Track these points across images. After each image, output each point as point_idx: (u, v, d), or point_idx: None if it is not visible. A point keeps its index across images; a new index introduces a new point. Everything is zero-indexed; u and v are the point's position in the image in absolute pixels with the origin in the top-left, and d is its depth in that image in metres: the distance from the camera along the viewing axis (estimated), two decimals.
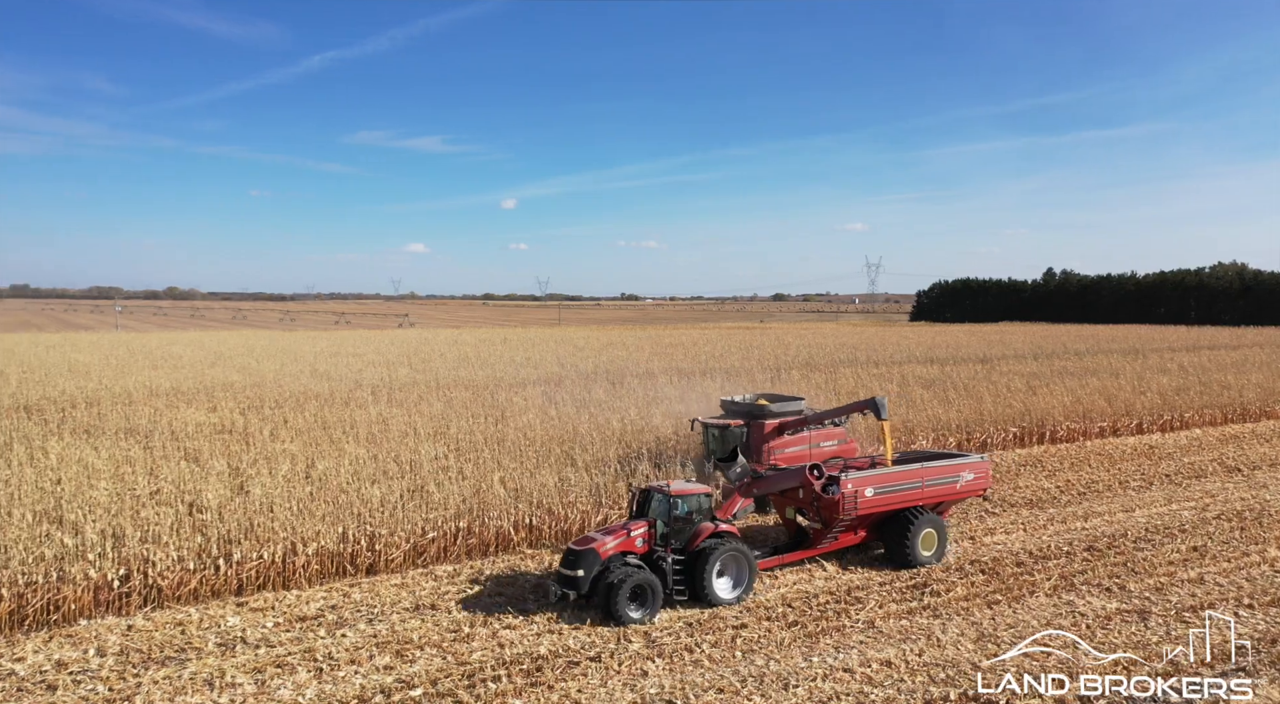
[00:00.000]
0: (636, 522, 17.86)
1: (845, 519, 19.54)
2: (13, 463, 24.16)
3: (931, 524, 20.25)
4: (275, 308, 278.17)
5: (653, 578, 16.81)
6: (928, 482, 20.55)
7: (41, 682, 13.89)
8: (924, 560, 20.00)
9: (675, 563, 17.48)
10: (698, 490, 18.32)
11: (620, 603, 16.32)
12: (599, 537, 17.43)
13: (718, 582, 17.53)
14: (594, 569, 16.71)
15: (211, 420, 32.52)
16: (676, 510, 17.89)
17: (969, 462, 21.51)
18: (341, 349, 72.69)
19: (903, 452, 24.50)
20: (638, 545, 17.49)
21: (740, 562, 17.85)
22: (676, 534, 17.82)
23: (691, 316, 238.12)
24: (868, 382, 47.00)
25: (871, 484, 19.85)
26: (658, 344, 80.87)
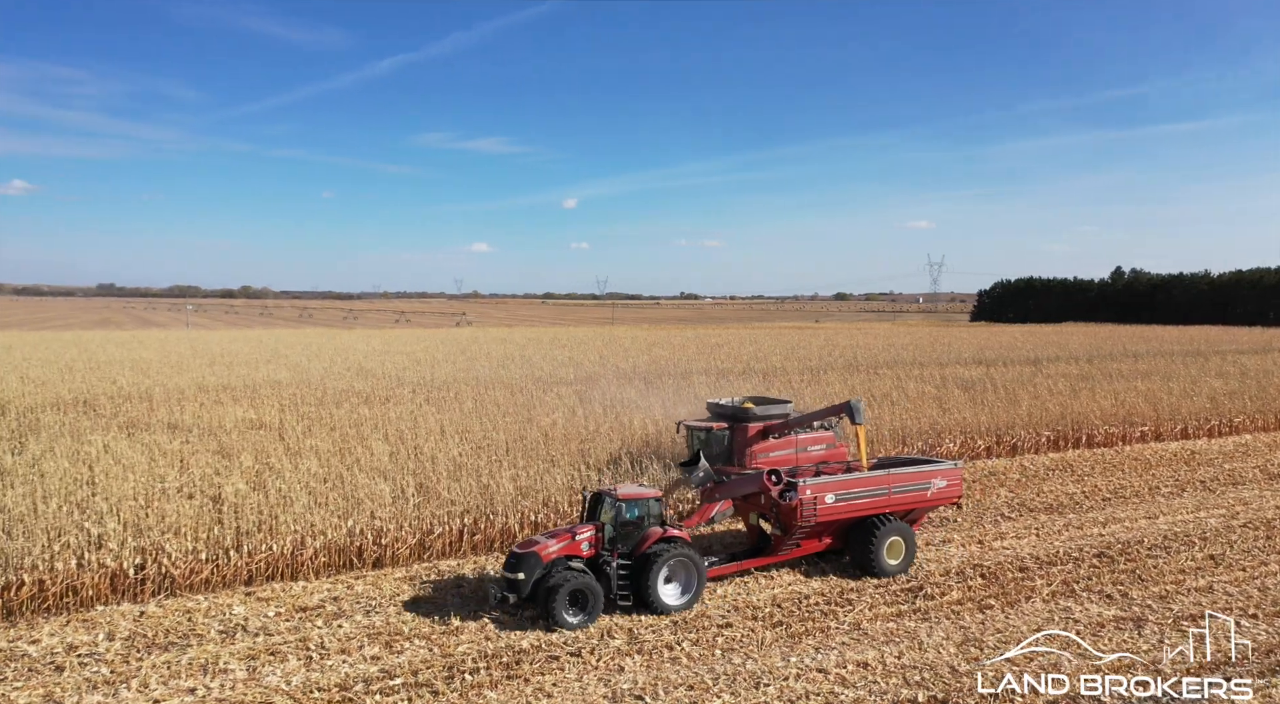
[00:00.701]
0: (584, 525, 17.71)
1: (804, 526, 19.13)
2: (56, 454, 25.43)
3: (898, 532, 19.70)
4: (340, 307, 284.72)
5: (593, 582, 16.65)
6: (895, 489, 20.09)
7: (50, 663, 14.74)
8: (890, 569, 19.47)
9: (621, 568, 17.24)
10: (647, 495, 18.09)
11: (557, 607, 16.18)
12: (543, 540, 17.27)
13: (664, 587, 17.26)
14: (535, 573, 16.54)
15: (250, 416, 33.67)
16: (625, 515, 17.68)
17: (941, 469, 20.97)
18: (392, 348, 74.30)
19: (881, 458, 23.95)
20: (583, 549, 17.29)
21: (689, 568, 17.53)
22: (624, 539, 17.58)
23: (748, 316, 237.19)
24: (905, 383, 46.50)
25: (832, 490, 19.40)
26: (703, 344, 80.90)
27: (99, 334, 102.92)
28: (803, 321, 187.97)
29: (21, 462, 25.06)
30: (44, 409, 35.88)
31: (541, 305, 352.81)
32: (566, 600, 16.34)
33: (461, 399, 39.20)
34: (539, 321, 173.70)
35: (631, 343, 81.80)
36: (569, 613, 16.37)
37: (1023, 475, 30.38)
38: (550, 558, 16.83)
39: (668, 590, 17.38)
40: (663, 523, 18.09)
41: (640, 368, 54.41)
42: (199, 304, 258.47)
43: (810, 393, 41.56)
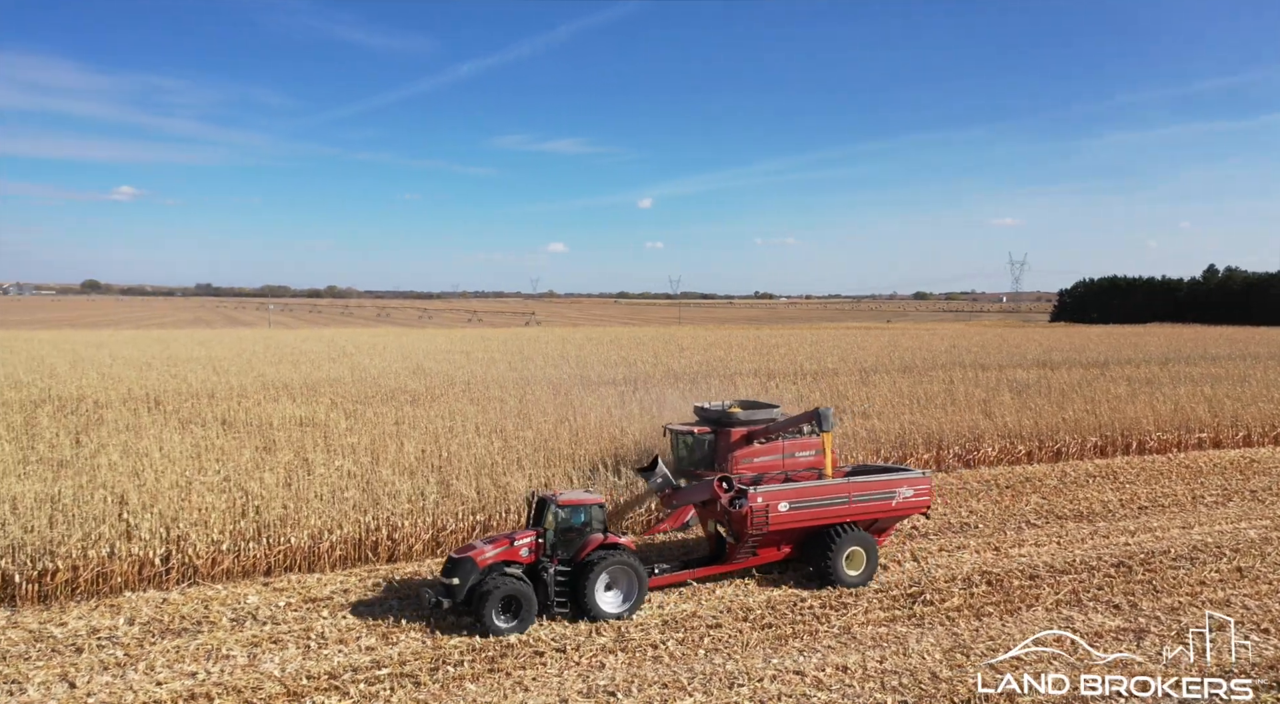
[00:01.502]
0: (525, 531, 17.69)
1: (756, 534, 18.80)
2: (110, 448, 26.96)
3: (858, 542, 19.26)
4: (417, 306, 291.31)
5: (525, 588, 16.58)
6: (856, 497, 19.64)
7: (72, 645, 15.78)
8: (849, 580, 19.03)
9: (559, 574, 17.17)
10: (588, 501, 17.94)
11: (488, 613, 16.18)
12: (480, 545, 17.28)
13: (604, 595, 17.16)
14: (470, 578, 16.50)
15: (299, 414, 35.02)
16: (567, 520, 17.65)
17: (908, 477, 20.51)
18: (454, 347, 75.96)
19: (855, 465, 23.44)
20: (522, 555, 17.19)
21: (629, 575, 17.35)
22: (565, 545, 17.52)
23: (820, 316, 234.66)
24: (956, 386, 45.72)
25: (786, 498, 19.05)
26: (762, 345, 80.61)
27: (185, 333, 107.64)
28: (874, 322, 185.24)
29: (81, 454, 26.67)
30: (113, 404, 37.93)
31: (614, 305, 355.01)
32: (498, 606, 16.28)
33: (505, 398, 40.02)
34: (608, 321, 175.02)
35: (691, 343, 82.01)
36: (500, 619, 16.32)
37: (1060, 482, 29.69)
38: (486, 563, 16.75)
39: (607, 597, 17.25)
40: (605, 529, 17.90)
41: (691, 369, 54.63)
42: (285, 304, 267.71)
43: (855, 395, 41.25)
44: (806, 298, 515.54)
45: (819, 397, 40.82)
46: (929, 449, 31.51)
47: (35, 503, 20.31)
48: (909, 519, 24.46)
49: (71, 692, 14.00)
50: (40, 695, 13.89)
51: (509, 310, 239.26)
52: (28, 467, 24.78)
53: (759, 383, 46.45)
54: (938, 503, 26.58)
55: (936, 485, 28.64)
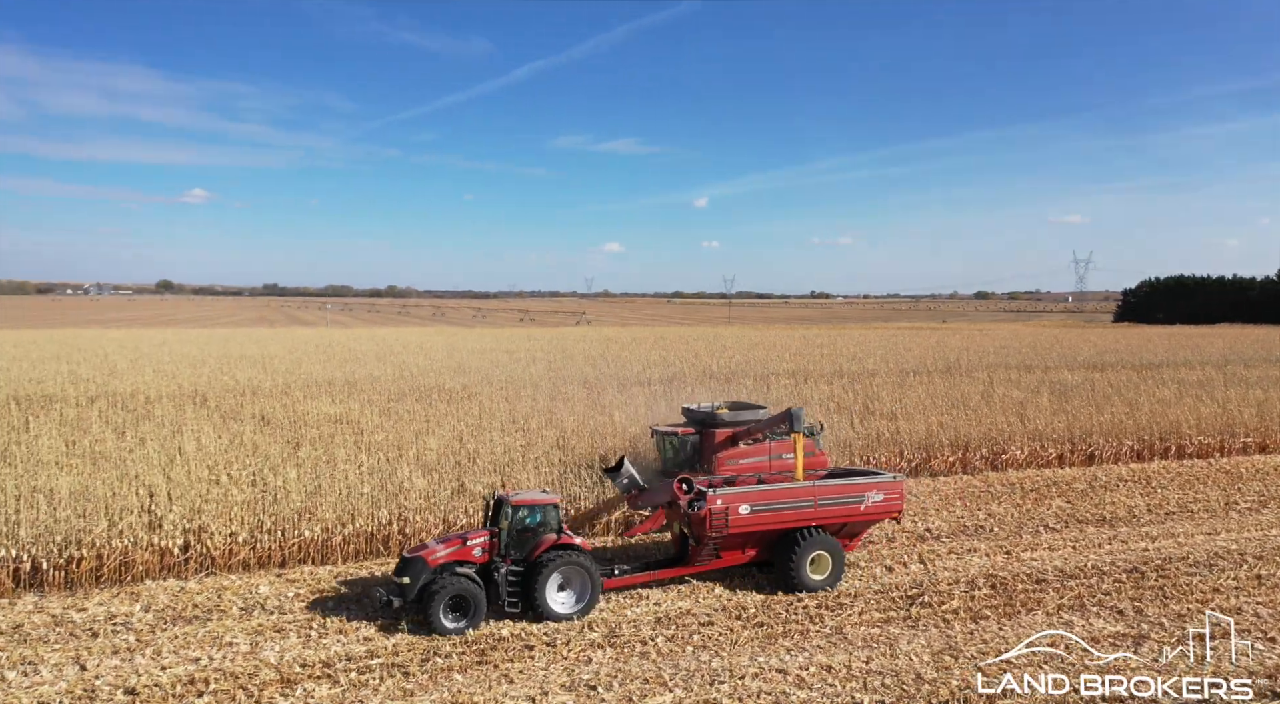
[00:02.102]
0: (478, 531, 17.82)
1: (715, 536, 18.66)
2: (147, 442, 28.05)
3: (823, 546, 18.99)
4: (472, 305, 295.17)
5: (474, 588, 16.66)
6: (821, 501, 19.37)
7: (89, 629, 16.57)
8: (813, 585, 18.76)
9: (511, 574, 17.23)
10: (542, 501, 17.98)
11: (436, 612, 16.31)
12: (433, 545, 17.45)
13: (557, 595, 17.23)
14: (421, 578, 16.60)
15: (335, 411, 35.91)
16: (521, 520, 17.74)
17: (877, 481, 20.13)
18: (500, 346, 76.87)
19: (834, 468, 23.12)
20: (475, 554, 17.29)
21: (582, 576, 17.38)
22: (518, 545, 17.61)
23: (876, 316, 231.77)
24: (996, 387, 44.98)
25: (748, 501, 18.83)
26: (808, 345, 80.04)
27: (244, 332, 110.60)
28: (928, 322, 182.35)
29: (121, 447, 27.80)
30: (161, 400, 39.33)
31: (667, 304, 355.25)
32: (445, 606, 16.43)
33: (537, 396, 40.49)
34: (658, 321, 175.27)
35: (734, 343, 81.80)
36: (448, 619, 16.44)
37: (1089, 486, 29.14)
38: (437, 563, 16.86)
39: (560, 598, 17.28)
40: (560, 530, 17.87)
41: (729, 369, 54.57)
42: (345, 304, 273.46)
43: (889, 397, 40.88)
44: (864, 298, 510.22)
45: (850, 398, 40.56)
46: (955, 451, 31.16)
47: (69, 494, 21.30)
48: (920, 521, 24.41)
49: (81, 674, 14.72)
50: (52, 676, 14.64)
51: (562, 310, 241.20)
52: (70, 459, 25.90)
53: (792, 383, 46.24)
54: (956, 505, 26.38)
55: (959, 488, 28.50)
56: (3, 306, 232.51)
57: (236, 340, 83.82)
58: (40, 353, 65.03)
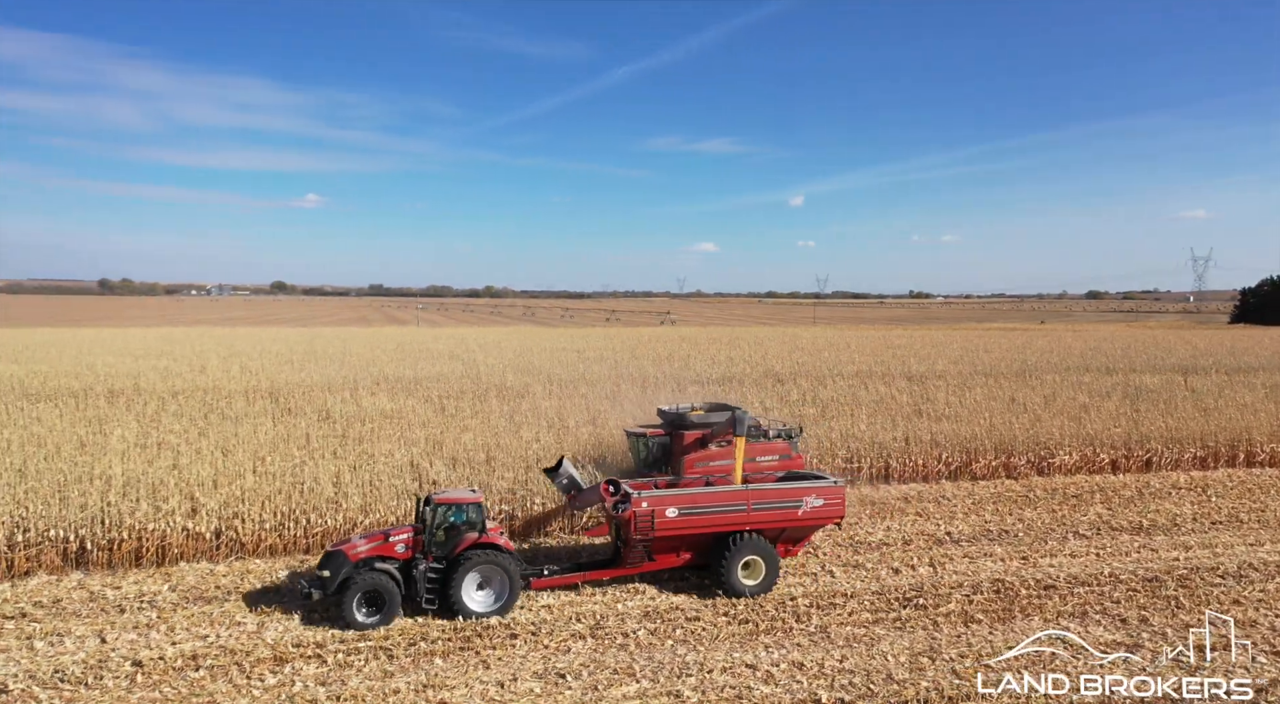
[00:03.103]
0: (402, 527, 18.14)
1: (641, 538, 18.55)
2: (211, 435, 29.81)
3: (756, 551, 18.69)
4: (562, 306, 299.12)
5: (389, 583, 16.90)
6: (755, 505, 19.04)
7: (117, 605, 17.89)
8: (745, 589, 18.47)
9: (431, 571, 17.45)
10: (465, 499, 18.14)
11: (348, 606, 16.64)
12: (355, 540, 17.76)
13: (474, 593, 17.38)
14: (341, 571, 16.91)
15: (390, 406, 37.30)
16: (445, 518, 17.93)
17: (817, 486, 19.70)
18: (572, 345, 77.97)
19: (791, 471, 22.56)
20: (397, 551, 17.54)
21: (500, 575, 17.47)
22: (441, 543, 17.80)
23: (973, 316, 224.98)
24: (1062, 390, 43.61)
25: (675, 504, 18.64)
26: (884, 346, 78.68)
27: (336, 330, 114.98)
28: (1028, 323, 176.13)
29: (183, 438, 29.64)
30: (235, 395, 41.55)
31: (758, 304, 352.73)
32: (358, 600, 16.75)
33: (590, 394, 41.19)
34: (744, 321, 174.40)
35: (809, 343, 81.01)
36: (361, 612, 16.76)
37: (1139, 493, 28.08)
38: (358, 557, 17.20)
39: (478, 596, 17.44)
40: (481, 529, 17.99)
41: (792, 369, 54.26)
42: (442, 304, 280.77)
43: (945, 400, 40.09)
44: (966, 298, 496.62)
45: (905, 399, 39.97)
46: (998, 455, 30.42)
47: (124, 482, 22.93)
48: (941, 524, 24.02)
49: (99, 646, 15.95)
50: (74, 647, 15.91)
51: (651, 310, 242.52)
52: (132, 448, 27.75)
53: (849, 384, 45.74)
54: (986, 509, 25.82)
55: (996, 492, 27.91)
56: (133, 306, 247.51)
57: (324, 339, 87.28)
58: (146, 350, 69.23)
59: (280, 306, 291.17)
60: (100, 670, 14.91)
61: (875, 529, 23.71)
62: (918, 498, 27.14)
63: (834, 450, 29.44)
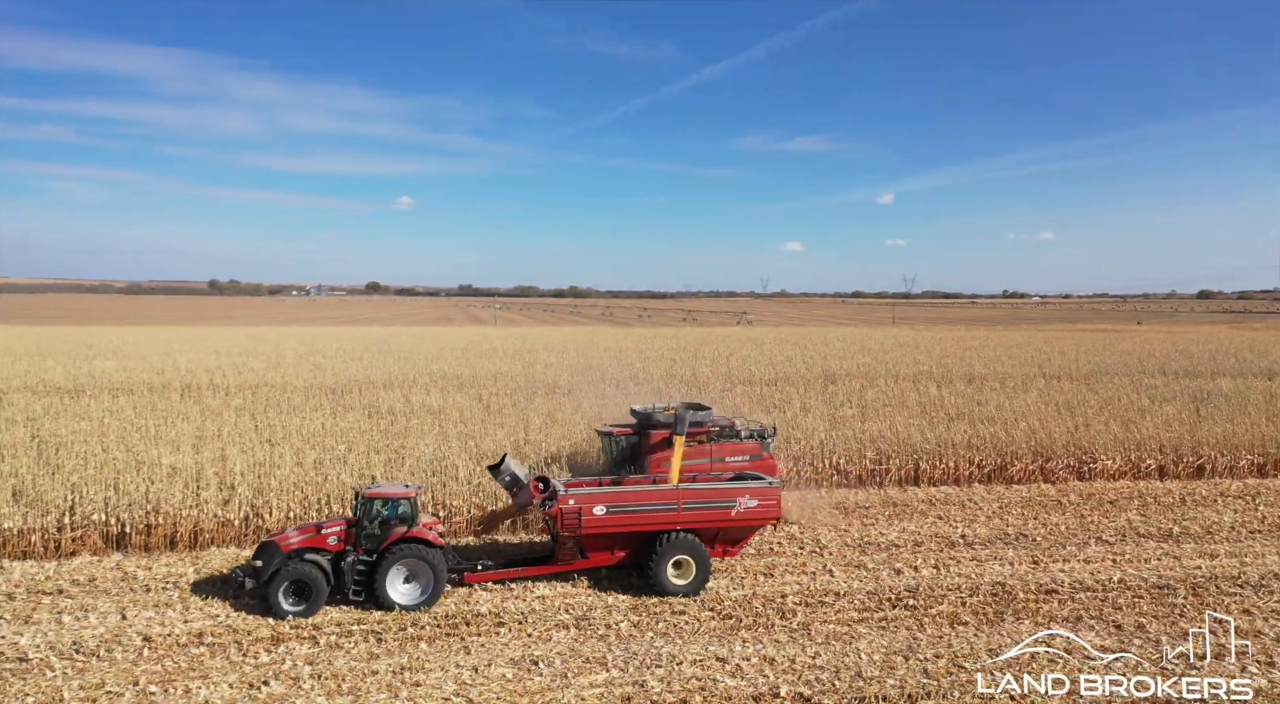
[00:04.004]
0: (335, 520, 18.74)
1: (568, 535, 18.73)
2: (267, 427, 31.36)
3: (686, 551, 18.66)
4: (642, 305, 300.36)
5: (316, 574, 17.36)
6: (686, 505, 19.02)
7: (145, 585, 19.13)
8: (675, 589, 18.46)
9: (360, 563, 17.91)
10: (396, 494, 18.50)
11: (275, 596, 17.18)
12: (289, 532, 18.34)
13: (400, 586, 17.82)
14: (273, 562, 17.47)
15: (438, 403, 38.46)
16: (376, 512, 18.38)
17: (751, 487, 19.54)
18: (638, 345, 78.60)
19: (739, 473, 22.20)
20: (329, 543, 18.04)
21: (424, 569, 17.85)
22: (372, 536, 18.22)
23: (1068, 316, 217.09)
24: (1123, 393, 42.18)
25: (603, 502, 18.74)
26: (958, 347, 76.97)
27: (414, 329, 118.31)
28: (1125, 323, 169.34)
29: (239, 431, 31.26)
30: (297, 390, 43.43)
31: (842, 304, 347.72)
32: (284, 589, 17.31)
33: (636, 395, 41.66)
34: (823, 321, 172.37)
35: (877, 344, 79.90)
36: (287, 602, 17.29)
37: (1180, 500, 27.10)
38: (290, 549, 17.73)
39: (404, 589, 17.87)
40: (411, 523, 18.38)
41: (849, 370, 53.77)
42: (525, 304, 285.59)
43: (994, 401, 39.26)
44: (1064, 298, 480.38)
45: (954, 401, 39.28)
46: (1035, 459, 29.71)
47: (169, 471, 24.42)
48: (959, 526, 23.72)
49: (119, 622, 17.12)
50: (96, 622, 17.11)
51: (732, 310, 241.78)
52: (188, 440, 29.43)
53: (901, 385, 45.15)
54: (1011, 513, 25.34)
55: (1027, 497, 27.34)
56: (237, 306, 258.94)
57: (399, 338, 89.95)
58: (230, 347, 72.66)
59: (371, 307, 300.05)
60: (113, 644, 16.04)
61: (890, 530, 23.54)
62: (944, 501, 26.78)
63: (862, 452, 29.24)
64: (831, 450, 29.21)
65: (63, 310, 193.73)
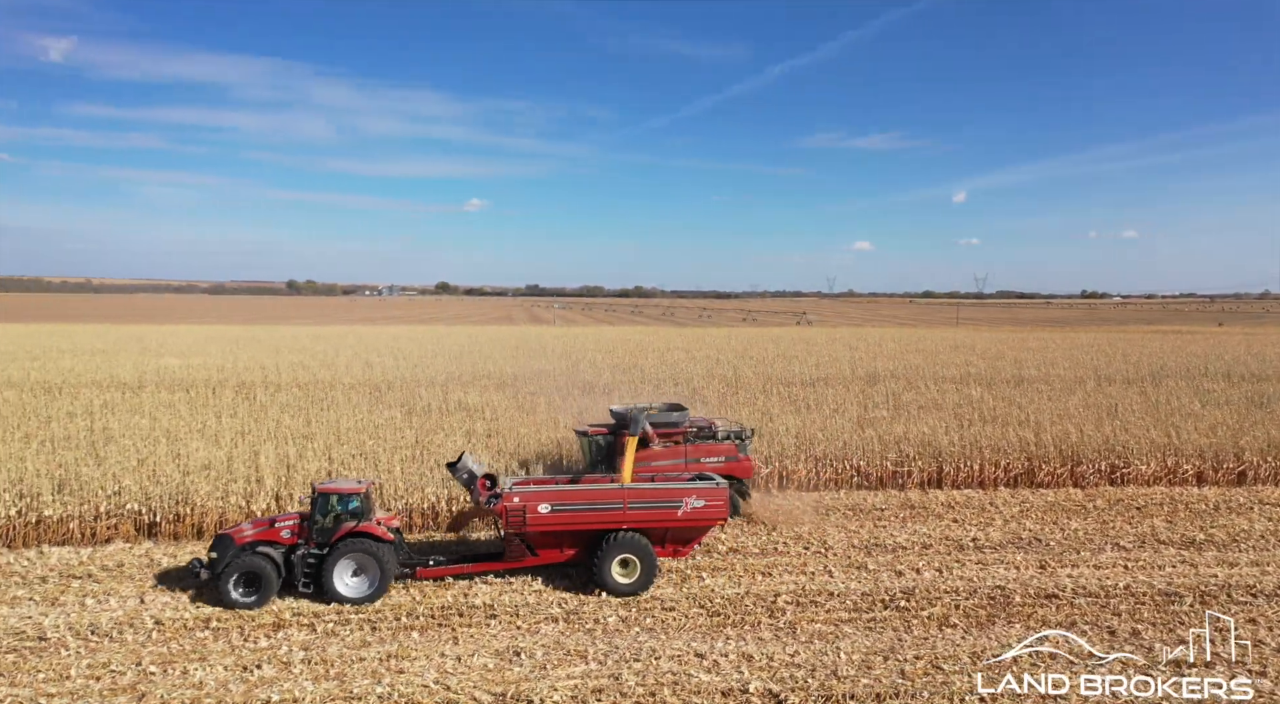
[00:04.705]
0: (289, 515, 19.27)
1: (513, 533, 18.94)
2: (297, 421, 32.48)
3: (632, 549, 18.76)
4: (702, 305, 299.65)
5: (266, 566, 17.88)
6: (632, 504, 19.11)
7: (167, 572, 20.08)
8: (620, 588, 18.56)
9: (310, 557, 18.41)
10: (347, 489, 18.93)
11: (224, 585, 17.76)
12: (243, 525, 18.97)
13: (348, 579, 18.25)
14: (227, 554, 18.07)
15: (475, 401, 39.24)
16: (329, 507, 18.81)
17: (698, 487, 19.48)
18: (688, 345, 78.66)
19: (697, 474, 22.02)
20: (283, 536, 18.62)
21: (369, 563, 18.25)
22: (323, 530, 18.66)
23: (1147, 317, 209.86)
24: (1172, 397, 40.90)
25: (548, 500, 18.92)
26: (1017, 348, 75.29)
27: (475, 329, 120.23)
28: (1205, 325, 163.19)
29: (279, 426, 32.44)
30: (348, 388, 44.72)
31: (909, 305, 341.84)
32: (234, 580, 17.86)
33: (671, 395, 41.92)
34: (886, 322, 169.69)
35: (933, 345, 78.66)
36: (238, 591, 17.85)
37: (1214, 508, 26.31)
38: (244, 541, 18.38)
39: (352, 582, 18.29)
40: (360, 518, 18.79)
41: (893, 371, 53.13)
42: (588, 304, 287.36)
43: (1036, 405, 38.47)
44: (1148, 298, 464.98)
45: (993, 404, 38.63)
46: (1064, 463, 29.09)
47: (204, 464, 25.55)
48: (972, 530, 23.44)
49: (137, 606, 18.01)
50: (116, 605, 18.04)
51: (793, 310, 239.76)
52: (228, 435, 30.66)
53: (942, 387, 44.50)
54: (1030, 518, 24.91)
55: (1053, 501, 26.89)
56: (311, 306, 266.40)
57: (453, 337, 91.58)
58: (291, 346, 74.99)
59: (437, 306, 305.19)
60: (126, 627, 16.92)
61: (900, 533, 23.36)
62: (963, 504, 26.43)
63: (884, 454, 29.01)
64: (852, 452, 29.04)
65: (147, 310, 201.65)
